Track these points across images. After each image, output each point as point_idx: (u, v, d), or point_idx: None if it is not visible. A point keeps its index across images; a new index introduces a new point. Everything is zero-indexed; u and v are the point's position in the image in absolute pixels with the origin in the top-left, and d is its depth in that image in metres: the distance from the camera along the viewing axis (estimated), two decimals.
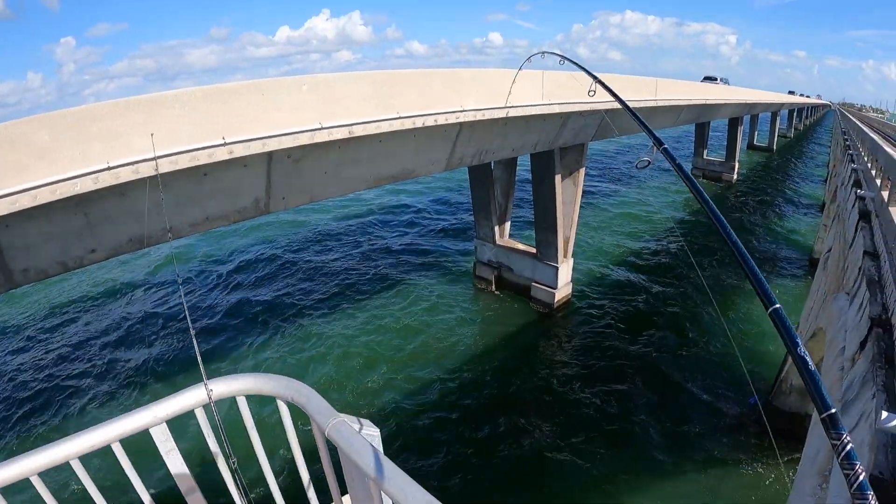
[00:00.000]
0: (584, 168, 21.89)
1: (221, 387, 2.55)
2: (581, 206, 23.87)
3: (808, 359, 1.88)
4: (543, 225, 21.96)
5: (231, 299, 24.54)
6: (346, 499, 2.66)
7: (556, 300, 22.80)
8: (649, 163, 4.55)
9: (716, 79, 54.17)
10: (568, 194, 21.86)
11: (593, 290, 25.53)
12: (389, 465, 1.83)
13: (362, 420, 2.50)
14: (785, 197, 49.71)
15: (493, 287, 24.61)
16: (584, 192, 23.67)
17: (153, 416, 2.46)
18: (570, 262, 23.29)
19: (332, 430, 2.10)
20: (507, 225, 25.16)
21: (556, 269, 22.32)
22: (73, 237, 7.83)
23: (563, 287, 23.15)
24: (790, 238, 36.27)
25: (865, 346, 6.45)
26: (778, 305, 2.10)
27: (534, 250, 23.22)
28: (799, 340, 1.95)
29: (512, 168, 24.25)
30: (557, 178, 20.60)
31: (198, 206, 9.20)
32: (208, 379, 2.57)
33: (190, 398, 2.53)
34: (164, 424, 2.54)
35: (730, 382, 18.07)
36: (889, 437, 4.38)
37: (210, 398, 2.49)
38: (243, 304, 23.86)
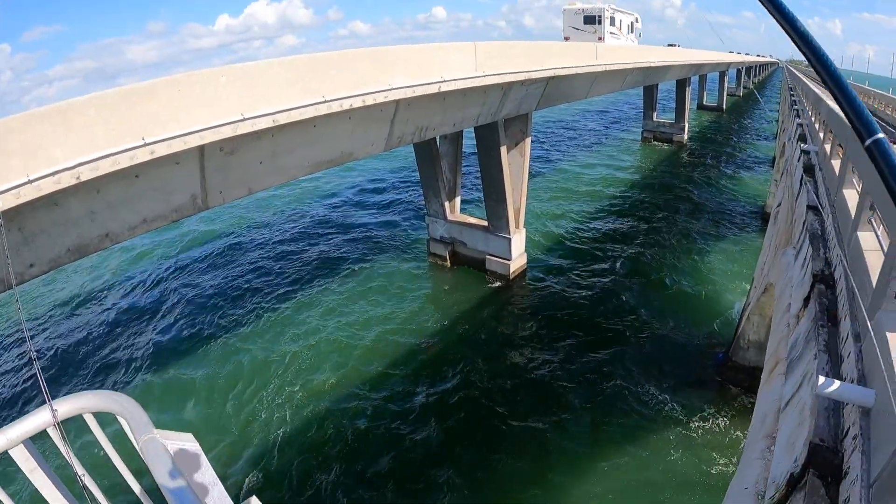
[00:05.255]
0: (529, 137, 22.00)
1: (63, 406, 2.59)
2: (530, 176, 24.01)
3: None
4: (493, 197, 22.06)
5: (168, 296, 24.13)
6: None
7: (511, 271, 23.05)
8: None
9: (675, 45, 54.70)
10: (515, 165, 21.96)
11: (548, 258, 25.89)
12: (188, 490, 1.86)
13: (183, 435, 2.54)
14: (737, 153, 50.82)
15: (448, 262, 24.70)
16: (532, 161, 23.75)
17: (6, 440, 2.49)
18: (523, 232, 23.50)
19: (144, 447, 2.13)
20: (458, 200, 25.20)
21: (509, 240, 22.51)
22: (10, 253, 7.59)
23: (518, 258, 23.39)
24: (744, 193, 37.18)
25: (809, 303, 6.36)
26: (881, 136, 1.54)
27: (485, 223, 23.35)
28: None
29: (458, 142, 24.20)
30: (503, 149, 20.67)
31: (133, 208, 9.03)
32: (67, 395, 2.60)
33: (38, 419, 2.56)
34: (22, 445, 2.56)
35: (691, 340, 18.67)
36: (829, 402, 4.23)
37: (55, 418, 2.52)
38: (183, 301, 23.47)
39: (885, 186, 1.50)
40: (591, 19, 39.74)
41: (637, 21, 45.68)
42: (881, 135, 1.55)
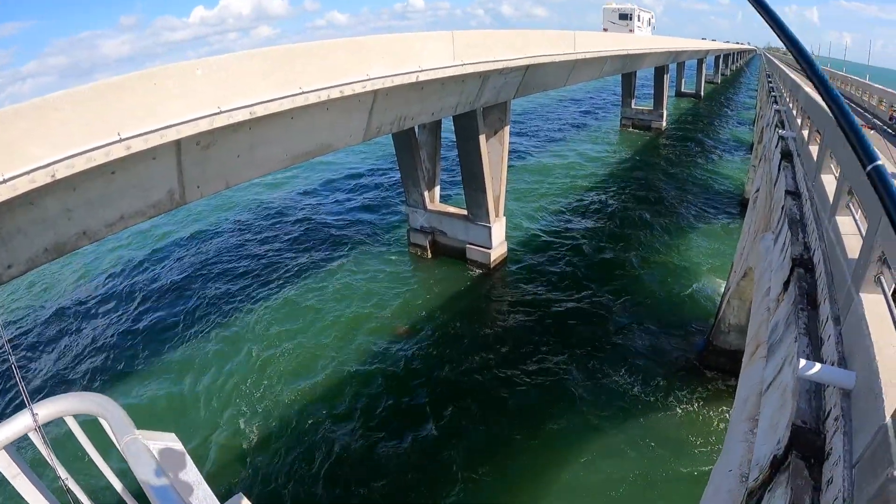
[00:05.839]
0: (508, 126, 21.98)
1: (44, 410, 2.55)
2: (509, 166, 23.99)
3: None
4: (472, 186, 22.03)
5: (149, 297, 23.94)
6: None
7: (491, 260, 23.08)
8: None
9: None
10: (494, 153, 21.94)
11: (528, 246, 25.96)
12: (172, 490, 1.83)
13: (165, 435, 2.50)
14: (715, 140, 51.25)
15: (429, 253, 24.62)
16: (510, 150, 23.71)
17: None
18: (503, 220, 23.52)
19: (126, 448, 2.09)
20: (437, 189, 25.12)
21: (489, 228, 22.51)
22: None
23: (498, 246, 23.42)
24: (722, 180, 37.58)
25: (788, 287, 6.38)
26: (880, 162, 1.59)
27: (465, 212, 23.32)
28: None
29: (437, 132, 24.09)
30: (482, 137, 20.63)
31: (111, 205, 8.87)
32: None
33: (18, 424, 2.50)
34: (3, 451, 2.51)
35: (668, 326, 18.80)
36: (811, 384, 4.23)
37: (36, 422, 2.46)
38: (164, 303, 23.13)
39: (883, 211, 1.55)
40: (625, 16, 53.48)
41: (652, 18, 58.74)
42: (880, 161, 1.61)
